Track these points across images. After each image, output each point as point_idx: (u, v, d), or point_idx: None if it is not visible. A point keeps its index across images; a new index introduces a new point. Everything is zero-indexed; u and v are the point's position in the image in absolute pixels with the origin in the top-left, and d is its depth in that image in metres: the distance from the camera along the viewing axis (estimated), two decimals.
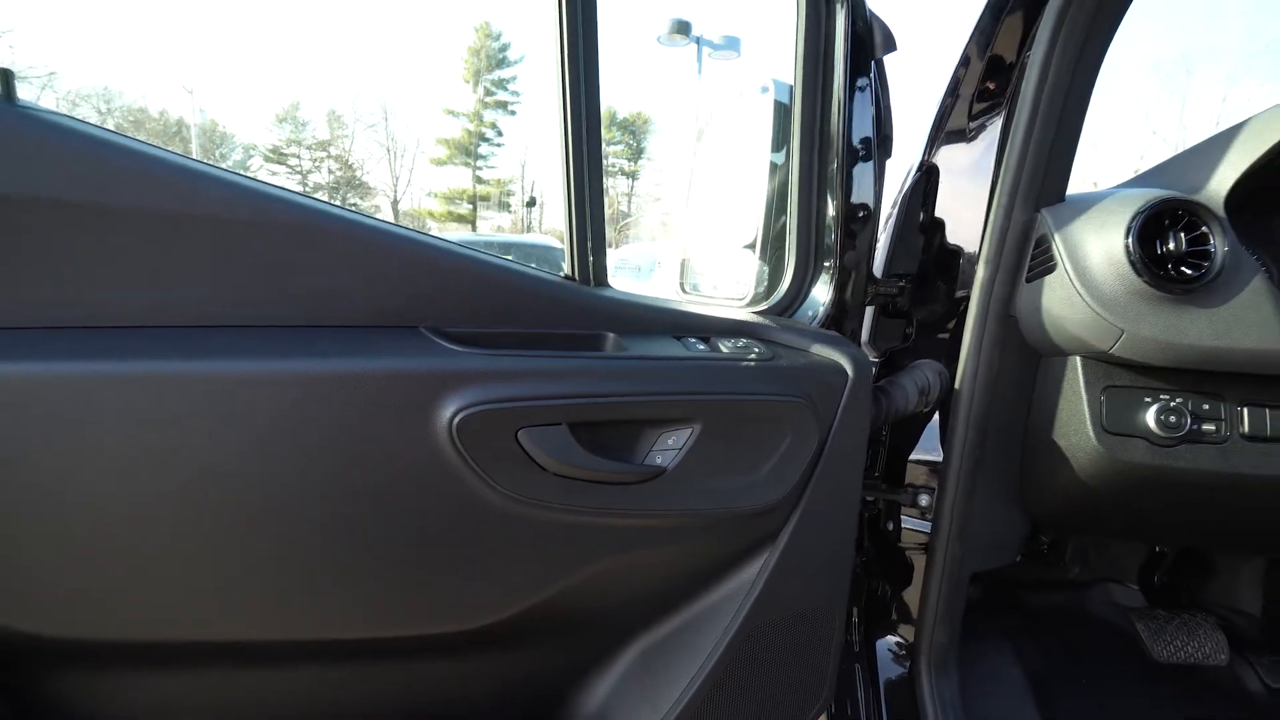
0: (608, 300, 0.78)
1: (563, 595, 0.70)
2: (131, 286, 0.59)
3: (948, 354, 0.95)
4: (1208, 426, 0.78)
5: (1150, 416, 0.78)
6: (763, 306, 0.97)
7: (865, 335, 1.16)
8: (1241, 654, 1.13)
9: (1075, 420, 0.82)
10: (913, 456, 1.07)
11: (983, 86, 0.96)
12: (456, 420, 0.61)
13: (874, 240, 0.98)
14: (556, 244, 7.78)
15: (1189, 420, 0.77)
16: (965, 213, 0.98)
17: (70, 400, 0.54)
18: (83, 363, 0.55)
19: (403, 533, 0.63)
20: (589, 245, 0.79)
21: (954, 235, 1.03)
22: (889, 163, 1.02)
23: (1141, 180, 0.89)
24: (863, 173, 0.94)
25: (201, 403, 0.56)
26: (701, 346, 0.77)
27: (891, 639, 1.08)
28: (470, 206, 31.93)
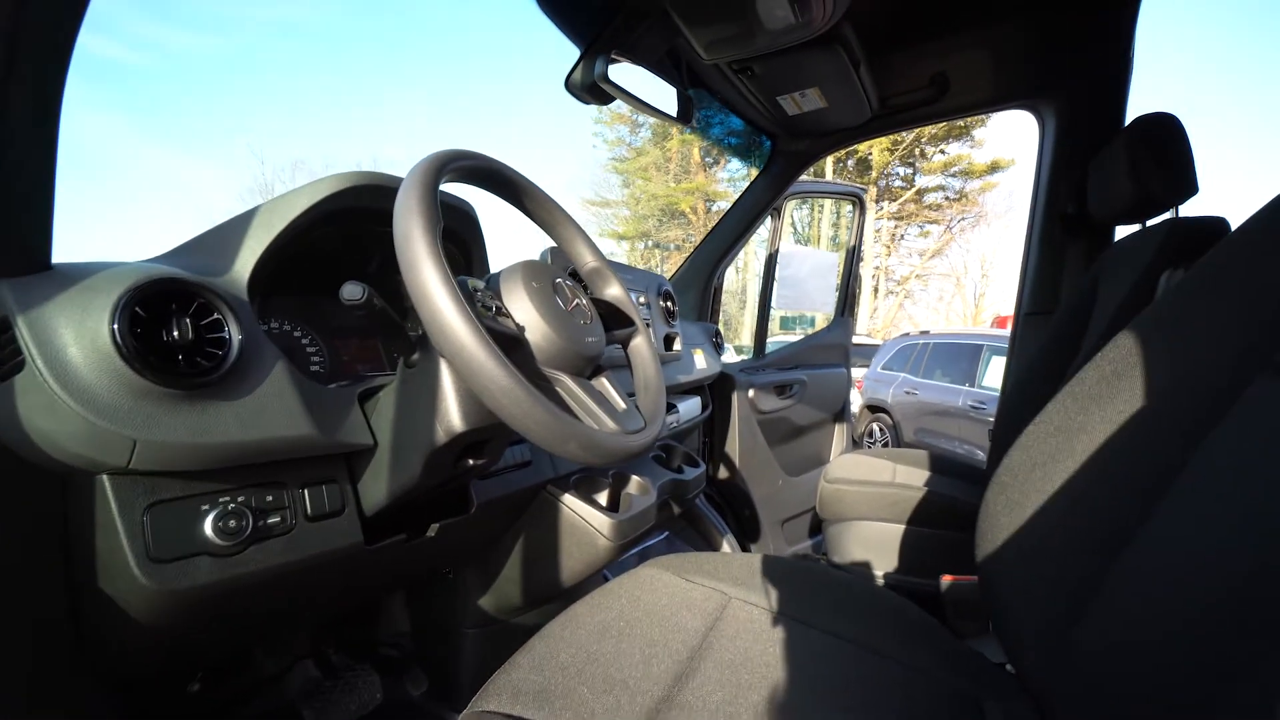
0: None
1: None
2: None
3: None
4: (274, 519, 0.69)
5: (208, 527, 0.64)
6: None
7: None
8: (399, 682, 1.12)
9: (117, 556, 0.61)
10: None
11: None
12: None
13: None
14: None
15: (251, 519, 0.67)
16: None
17: None
18: None
19: None
20: None
21: None
22: None
23: (164, 260, 0.73)
24: None
25: None
26: None
27: None
28: None
